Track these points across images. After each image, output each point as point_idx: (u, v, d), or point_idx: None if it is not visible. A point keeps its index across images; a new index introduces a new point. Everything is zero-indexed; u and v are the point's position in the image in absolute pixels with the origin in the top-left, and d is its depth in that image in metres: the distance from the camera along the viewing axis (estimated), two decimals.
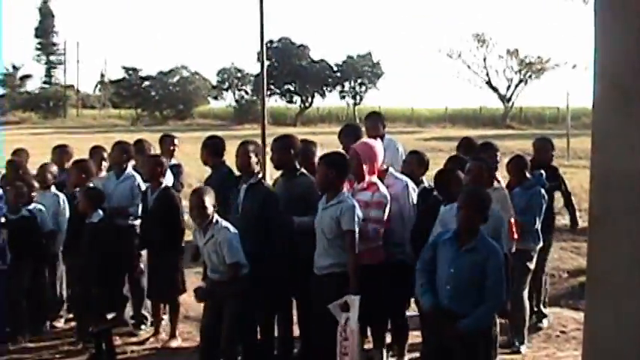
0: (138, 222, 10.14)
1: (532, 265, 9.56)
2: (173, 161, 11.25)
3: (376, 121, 10.17)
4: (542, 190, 9.68)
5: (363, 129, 9.89)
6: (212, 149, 9.84)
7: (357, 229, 7.38)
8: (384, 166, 8.43)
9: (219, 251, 7.83)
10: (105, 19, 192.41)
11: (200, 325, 8.51)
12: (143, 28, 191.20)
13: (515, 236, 8.48)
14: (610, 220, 4.45)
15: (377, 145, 8.31)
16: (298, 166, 8.56)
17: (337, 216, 7.39)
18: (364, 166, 7.92)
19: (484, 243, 6.54)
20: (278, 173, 8.94)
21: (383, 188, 7.94)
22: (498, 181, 9.21)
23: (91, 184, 9.76)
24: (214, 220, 7.93)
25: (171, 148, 11.66)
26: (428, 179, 8.96)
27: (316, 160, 8.34)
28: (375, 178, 8.01)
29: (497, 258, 6.50)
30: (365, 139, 8.75)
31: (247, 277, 7.87)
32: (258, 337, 8.35)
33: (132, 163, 10.58)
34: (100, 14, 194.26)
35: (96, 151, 11.29)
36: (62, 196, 10.58)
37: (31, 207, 10.18)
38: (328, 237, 7.46)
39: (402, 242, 8.09)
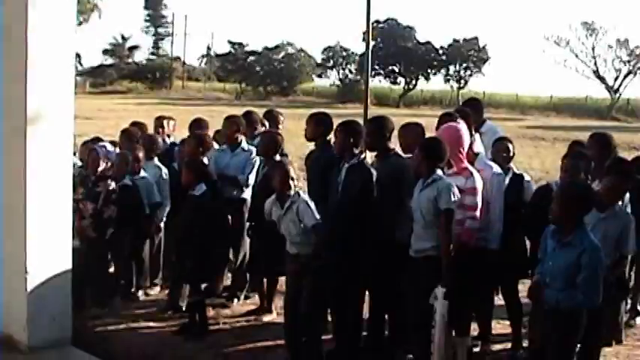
0: (247, 195, 10.27)
1: None
2: None
3: (475, 107, 9.86)
4: None
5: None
6: (319, 126, 9.34)
7: (454, 208, 7.33)
8: (475, 151, 8.34)
9: (297, 220, 7.90)
10: None
11: (283, 301, 8.60)
12: (250, 3, 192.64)
13: None
14: None
15: (462, 128, 8.09)
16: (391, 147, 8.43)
17: (434, 195, 7.30)
18: (449, 151, 7.80)
19: (581, 238, 6.36)
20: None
21: (476, 174, 7.82)
22: None
23: (205, 158, 9.84)
24: (293, 192, 8.03)
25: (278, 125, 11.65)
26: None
27: None
28: (466, 163, 7.90)
29: (593, 254, 6.27)
30: (450, 123, 8.41)
31: (326, 253, 7.87)
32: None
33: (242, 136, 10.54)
34: None
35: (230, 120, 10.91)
36: (164, 169, 10.66)
37: (137, 177, 10.23)
38: (427, 219, 7.37)
39: (486, 227, 7.98)
